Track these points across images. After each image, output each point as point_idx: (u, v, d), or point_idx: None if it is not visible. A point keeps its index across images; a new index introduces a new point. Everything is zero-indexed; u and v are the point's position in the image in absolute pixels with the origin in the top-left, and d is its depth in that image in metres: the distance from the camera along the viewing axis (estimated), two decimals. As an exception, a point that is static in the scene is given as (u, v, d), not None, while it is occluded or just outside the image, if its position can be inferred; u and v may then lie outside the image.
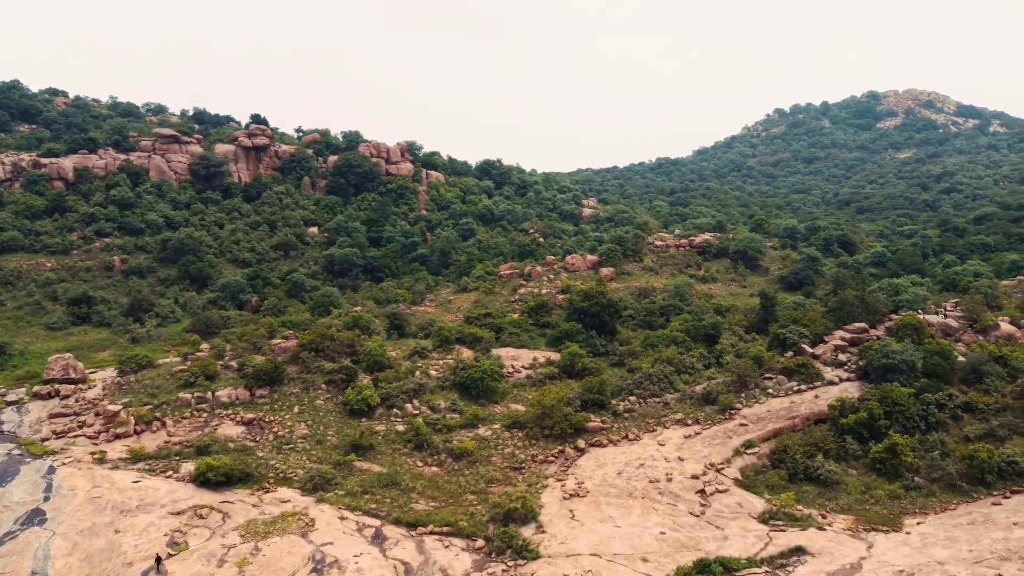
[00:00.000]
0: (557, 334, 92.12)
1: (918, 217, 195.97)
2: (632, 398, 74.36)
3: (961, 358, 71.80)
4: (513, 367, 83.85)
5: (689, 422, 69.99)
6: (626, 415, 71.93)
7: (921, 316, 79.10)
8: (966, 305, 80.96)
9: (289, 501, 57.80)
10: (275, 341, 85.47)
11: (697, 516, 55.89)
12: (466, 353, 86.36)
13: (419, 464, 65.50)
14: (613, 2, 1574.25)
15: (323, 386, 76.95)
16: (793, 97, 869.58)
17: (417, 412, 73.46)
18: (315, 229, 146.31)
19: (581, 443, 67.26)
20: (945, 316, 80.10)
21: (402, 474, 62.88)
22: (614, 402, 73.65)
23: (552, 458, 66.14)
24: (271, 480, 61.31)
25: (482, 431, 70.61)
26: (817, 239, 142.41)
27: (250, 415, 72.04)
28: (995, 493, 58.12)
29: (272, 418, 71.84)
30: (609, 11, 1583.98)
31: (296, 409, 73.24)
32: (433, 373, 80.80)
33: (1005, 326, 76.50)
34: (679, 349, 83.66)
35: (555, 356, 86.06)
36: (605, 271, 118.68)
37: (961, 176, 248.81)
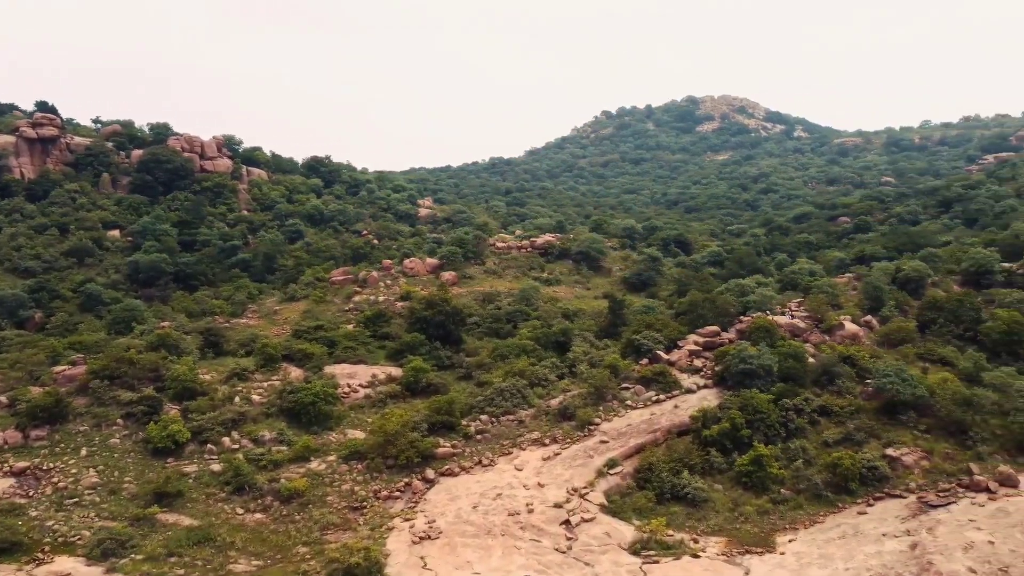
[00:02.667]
0: (398, 346, 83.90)
1: (741, 216, 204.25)
2: (484, 417, 67.70)
3: (811, 359, 70.86)
4: (349, 386, 74.85)
5: (547, 441, 64.19)
6: (479, 437, 65.12)
7: (770, 317, 78.04)
8: (810, 305, 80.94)
9: (70, 575, 46.30)
10: (58, 368, 71.43)
11: (564, 552, 50.03)
12: (295, 373, 76.32)
13: (239, 512, 55.41)
14: (453, 4, 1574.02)
15: (119, 421, 64.42)
16: (619, 100, 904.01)
17: (237, 447, 62.94)
18: (117, 232, 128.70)
19: (430, 473, 59.70)
20: (792, 317, 79.62)
21: (218, 526, 52.78)
22: (465, 423, 66.71)
23: (398, 493, 58.14)
24: (47, 547, 49.30)
25: (315, 465, 61.35)
26: (656, 239, 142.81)
27: (22, 463, 58.45)
28: (859, 501, 56.55)
29: (52, 465, 58.75)
30: (447, 12, 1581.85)
31: (84, 452, 60.47)
32: (256, 398, 70.25)
33: (849, 325, 76.81)
34: (530, 359, 78.09)
35: (397, 371, 77.91)
36: (447, 275, 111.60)
37: (776, 177, 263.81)
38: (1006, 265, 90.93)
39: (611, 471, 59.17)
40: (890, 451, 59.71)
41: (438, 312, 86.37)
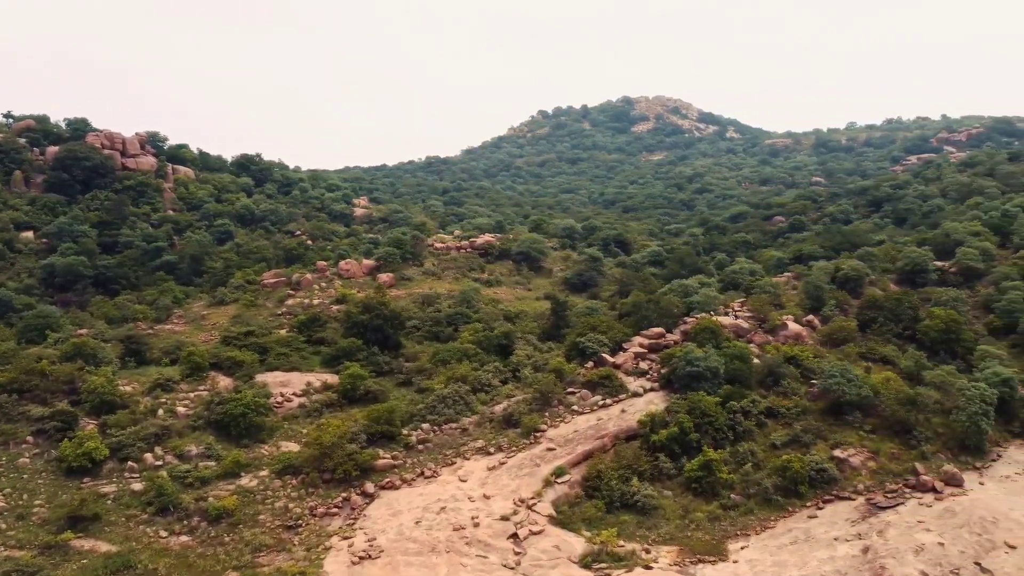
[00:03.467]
0: (334, 352, 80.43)
1: (678, 216, 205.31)
2: (426, 426, 64.96)
3: (756, 360, 70.30)
4: (283, 395, 71.27)
5: (492, 450, 61.85)
6: (421, 447, 62.38)
7: (715, 318, 77.33)
8: (753, 304, 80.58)
9: (-31, 613, 42.01)
10: (-40, 382, 65.89)
11: (512, 568, 47.91)
12: (224, 382, 72.27)
13: (163, 535, 51.56)
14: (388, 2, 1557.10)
15: (29, 439, 59.66)
16: (555, 100, 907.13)
17: (160, 463, 58.90)
18: (30, 234, 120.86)
19: (369, 487, 56.71)
20: (736, 317, 79.11)
21: (139, 552, 48.97)
22: (406, 432, 63.88)
23: (335, 509, 55.04)
24: (-56, 583, 44.66)
25: (246, 481, 57.79)
26: (596, 239, 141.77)
27: (-84, 488, 53.43)
28: (808, 504, 55.98)
29: (-49, 489, 53.80)
30: (381, 11, 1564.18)
31: (-12, 474, 55.60)
32: (181, 411, 66.07)
33: (792, 325, 76.63)
34: (473, 364, 75.69)
35: (333, 379, 74.50)
36: (384, 277, 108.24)
37: (710, 177, 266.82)
38: (939, 264, 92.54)
39: (559, 480, 57.26)
40: (838, 452, 59.36)
41: (376, 316, 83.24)
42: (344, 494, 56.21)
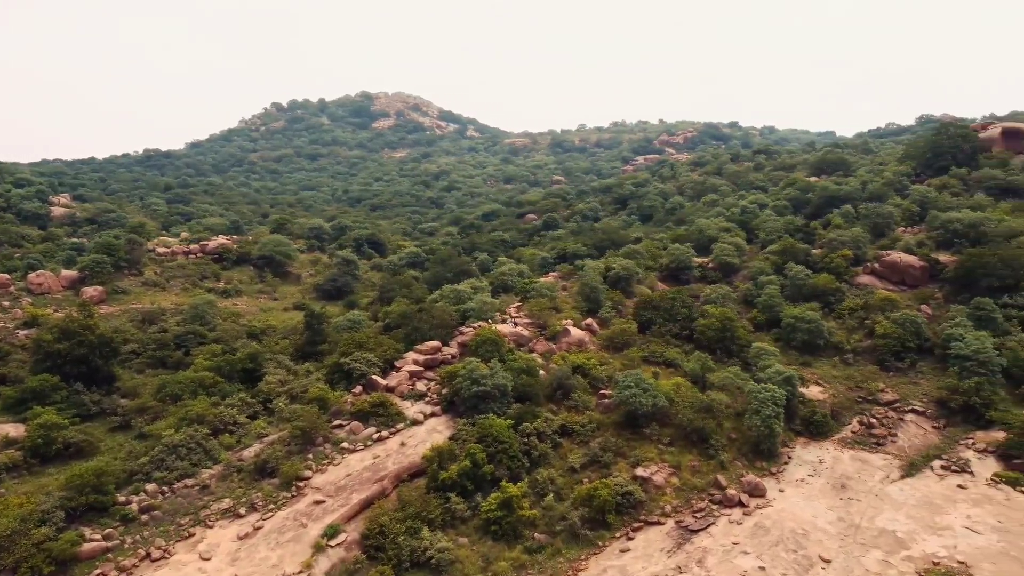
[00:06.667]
0: (19, 394, 61.74)
1: (428, 214, 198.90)
2: (151, 487, 50.24)
3: (542, 373, 64.08)
4: (-61, 461, 52.28)
5: (243, 511, 48.96)
6: (145, 518, 47.71)
7: (494, 326, 70.10)
8: (531, 309, 74.63)
9: None
10: None
11: None
12: None
13: None
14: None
15: None
16: (289, 93, 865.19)
17: None
18: None
19: (71, 585, 41.64)
20: (515, 324, 72.51)
21: None
22: (123, 499, 48.82)
23: (18, 626, 39.44)
24: None
25: None
26: (347, 240, 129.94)
27: None
28: (618, 535, 50.13)
29: None
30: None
31: None
32: None
33: (574, 331, 71.58)
34: (212, 397, 61.67)
35: (18, 430, 56.51)
36: (90, 291, 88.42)
37: (456, 175, 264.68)
38: (699, 260, 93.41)
39: (332, 542, 46.15)
40: (640, 471, 54.40)
41: (79, 343, 65.60)
42: (32, 601, 40.67)
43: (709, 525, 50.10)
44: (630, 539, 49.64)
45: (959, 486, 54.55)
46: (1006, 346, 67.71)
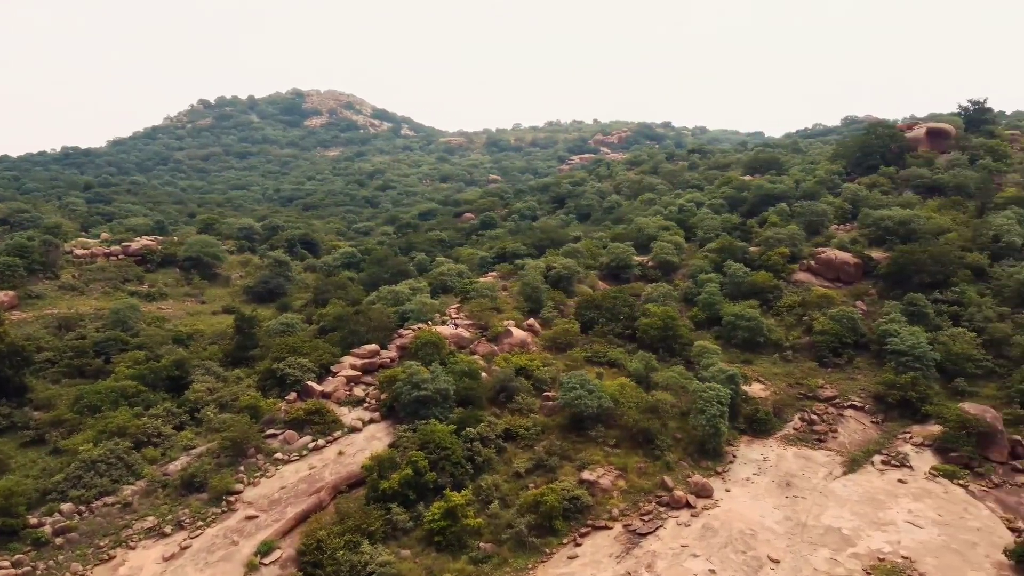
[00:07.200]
0: (-81, 409, 57.25)
1: (363, 213, 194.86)
2: (67, 506, 46.81)
3: (485, 375, 62.49)
4: None
5: (168, 529, 45.96)
6: (60, 540, 44.31)
7: (434, 328, 68.09)
8: (472, 310, 72.91)
9: None
10: None
11: None
12: None
13: None
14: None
15: None
16: (217, 89, 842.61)
17: None
18: None
19: (-24, 618, 38.23)
20: (456, 326, 70.60)
21: None
22: (35, 520, 45.34)
23: (-86, 666, 35.89)
24: None
25: None
26: (279, 240, 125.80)
27: None
28: (566, 541, 48.87)
29: None
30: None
31: None
32: None
33: (516, 332, 70.16)
34: (135, 408, 58.12)
35: (-84, 449, 52.15)
36: (1, 296, 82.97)
37: (391, 174, 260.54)
38: (639, 259, 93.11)
39: (266, 560, 43.76)
40: (586, 475, 53.25)
41: (-14, 352, 61.09)
42: (-69, 638, 37.16)
43: (657, 528, 49.28)
44: (578, 545, 48.43)
45: (899, 480, 55.13)
46: (938, 340, 69.08)
